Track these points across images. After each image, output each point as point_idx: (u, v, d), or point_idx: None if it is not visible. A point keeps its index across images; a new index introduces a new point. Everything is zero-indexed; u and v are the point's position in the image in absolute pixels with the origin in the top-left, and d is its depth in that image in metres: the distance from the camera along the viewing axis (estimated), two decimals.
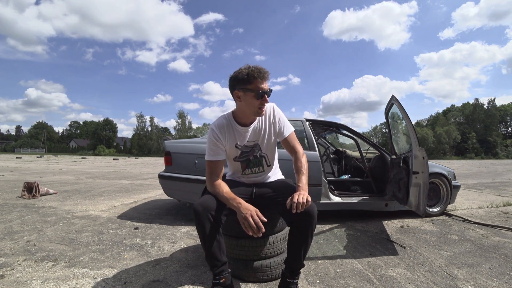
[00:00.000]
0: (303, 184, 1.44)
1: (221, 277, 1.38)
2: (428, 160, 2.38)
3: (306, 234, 1.40)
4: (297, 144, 1.62)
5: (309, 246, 1.44)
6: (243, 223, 1.33)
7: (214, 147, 1.54)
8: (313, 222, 1.39)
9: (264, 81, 1.44)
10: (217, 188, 1.46)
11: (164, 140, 4.02)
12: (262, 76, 1.42)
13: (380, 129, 59.49)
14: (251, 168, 1.66)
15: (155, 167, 14.21)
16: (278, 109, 1.64)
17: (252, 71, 1.42)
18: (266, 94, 1.46)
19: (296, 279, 1.47)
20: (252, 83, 1.43)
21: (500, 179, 8.36)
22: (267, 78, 1.44)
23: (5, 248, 2.11)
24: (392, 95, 2.81)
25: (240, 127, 1.56)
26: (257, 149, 1.63)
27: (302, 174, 1.49)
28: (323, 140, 4.94)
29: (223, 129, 1.55)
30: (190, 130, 55.41)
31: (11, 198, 4.26)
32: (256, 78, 1.42)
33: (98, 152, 50.88)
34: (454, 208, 3.80)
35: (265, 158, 1.66)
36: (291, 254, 1.46)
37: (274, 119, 1.60)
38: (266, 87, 1.45)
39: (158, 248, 2.21)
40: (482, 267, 1.89)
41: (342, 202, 3.00)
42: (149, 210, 3.58)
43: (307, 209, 1.38)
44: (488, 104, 53.52)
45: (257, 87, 1.43)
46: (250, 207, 1.35)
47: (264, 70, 1.44)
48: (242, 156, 1.63)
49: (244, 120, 1.57)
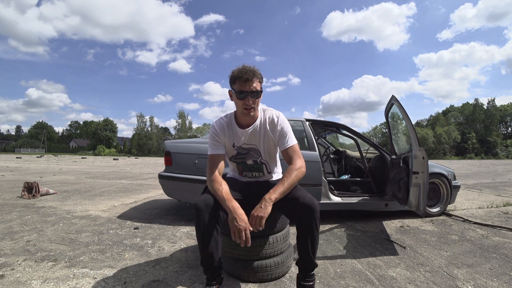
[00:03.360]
0: (273, 193, 1.37)
1: (215, 281, 1.37)
2: (428, 160, 2.38)
3: (310, 227, 1.38)
4: (297, 157, 1.52)
5: (316, 242, 1.42)
6: (233, 232, 1.32)
7: (214, 141, 1.57)
8: (315, 215, 1.38)
9: (247, 82, 1.41)
10: (216, 184, 1.44)
11: (164, 140, 4.02)
12: (241, 76, 1.41)
13: (380, 129, 59.41)
14: (251, 172, 1.67)
15: (155, 167, 14.20)
16: (283, 119, 1.59)
17: (235, 72, 1.43)
18: (249, 95, 1.43)
19: (311, 281, 1.43)
20: (235, 83, 1.44)
21: (500, 179, 8.36)
22: (249, 78, 1.40)
23: (5, 248, 2.11)
24: (392, 95, 2.81)
25: (238, 128, 1.56)
26: (257, 155, 1.61)
27: (280, 184, 1.41)
28: (323, 140, 4.94)
29: (222, 127, 1.58)
30: (190, 130, 55.35)
31: (11, 198, 4.26)
32: (237, 78, 1.42)
33: (98, 152, 50.84)
34: (454, 208, 3.80)
35: (265, 165, 1.65)
36: (301, 253, 1.45)
37: (274, 127, 1.56)
38: (249, 88, 1.42)
39: (158, 248, 2.20)
40: (482, 267, 1.89)
41: (342, 202, 3.00)
42: (149, 210, 3.58)
43: (307, 202, 1.38)
44: (488, 104, 53.50)
45: (238, 87, 1.43)
46: (245, 219, 1.33)
47: (246, 70, 1.41)
48: (238, 157, 1.63)
49: (241, 121, 1.57)
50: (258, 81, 1.45)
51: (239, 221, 1.31)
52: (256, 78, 1.44)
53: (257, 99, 1.47)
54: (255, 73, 1.43)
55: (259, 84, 1.47)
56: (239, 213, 1.34)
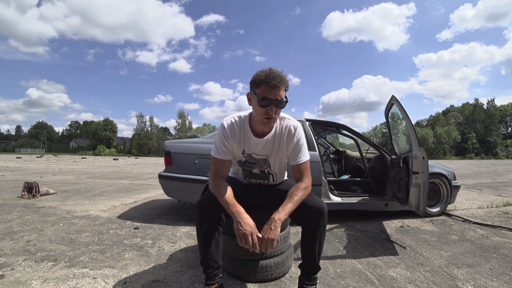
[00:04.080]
0: (282, 213, 1.32)
1: (214, 282, 1.35)
2: (428, 160, 2.38)
3: (318, 230, 1.35)
4: (307, 175, 1.47)
5: (322, 246, 1.40)
6: (239, 237, 1.28)
7: (222, 145, 1.45)
8: (323, 218, 1.36)
9: (273, 89, 1.27)
10: (219, 189, 1.38)
11: (164, 140, 4.05)
12: (269, 82, 1.26)
13: (380, 129, 59.42)
14: (256, 179, 1.62)
15: (155, 167, 14.20)
16: (301, 131, 1.49)
17: (261, 74, 1.29)
18: (273, 104, 1.29)
19: (313, 284, 1.41)
20: (259, 87, 1.29)
21: (500, 179, 8.36)
22: (276, 85, 1.26)
23: (5, 248, 2.11)
24: (392, 95, 2.81)
25: (252, 136, 1.44)
26: (266, 166, 1.54)
27: (289, 200, 1.36)
28: (323, 140, 4.94)
29: (233, 130, 1.45)
30: (190, 130, 55.39)
31: (11, 198, 4.26)
32: (263, 82, 1.27)
33: (98, 152, 50.84)
34: (454, 208, 3.80)
35: (273, 176, 1.59)
36: (305, 256, 1.41)
37: (291, 139, 1.46)
38: (274, 95, 1.28)
39: (158, 248, 2.20)
40: (482, 267, 1.89)
41: (342, 202, 3.00)
42: (149, 210, 3.58)
43: (316, 204, 1.35)
44: (488, 104, 53.51)
45: (262, 93, 1.28)
46: (251, 223, 1.30)
47: (275, 75, 1.27)
48: (246, 164, 1.55)
49: (256, 128, 1.44)
50: (284, 90, 1.32)
51: (244, 225, 1.27)
52: (283, 86, 1.30)
53: (280, 109, 1.35)
54: (283, 79, 1.29)
55: (285, 92, 1.33)
56: (243, 217, 1.29)
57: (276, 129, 1.46)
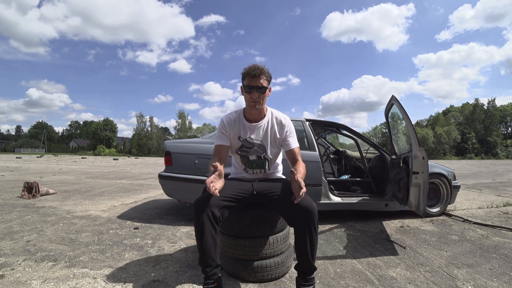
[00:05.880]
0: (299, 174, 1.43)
1: (212, 281, 1.37)
2: (428, 160, 2.38)
3: (309, 230, 1.39)
4: (300, 158, 1.66)
5: (315, 245, 1.42)
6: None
7: (221, 133, 1.70)
8: (313, 218, 1.39)
9: (254, 78, 1.53)
10: (211, 162, 1.50)
11: (164, 140, 4.03)
12: (250, 73, 1.54)
13: (380, 129, 59.40)
14: (253, 168, 1.72)
15: (155, 167, 14.20)
16: (290, 123, 1.73)
17: (245, 69, 1.57)
18: (256, 90, 1.55)
19: (310, 284, 1.43)
20: (245, 79, 1.57)
21: (500, 179, 8.36)
22: (256, 75, 1.53)
23: (5, 248, 2.11)
24: (392, 95, 2.81)
25: (246, 122, 1.68)
26: (262, 150, 1.69)
27: (299, 171, 1.49)
28: (323, 140, 4.94)
29: (230, 120, 1.70)
30: (190, 130, 55.37)
31: (11, 198, 4.26)
32: (246, 74, 1.56)
33: (98, 152, 50.82)
34: (454, 208, 3.80)
35: (268, 162, 1.71)
36: (299, 257, 1.44)
37: (282, 128, 1.69)
38: (255, 83, 1.54)
39: (158, 248, 2.20)
40: (482, 267, 1.89)
41: (342, 202, 3.00)
42: (149, 210, 3.58)
43: (305, 205, 1.38)
44: (488, 104, 53.50)
45: (247, 82, 1.56)
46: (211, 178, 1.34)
47: (255, 68, 1.54)
48: (242, 150, 1.68)
49: (249, 115, 1.68)
50: (265, 79, 1.57)
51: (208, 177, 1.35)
52: (264, 75, 1.55)
53: (262, 94, 1.58)
54: (262, 70, 1.55)
55: (266, 81, 1.58)
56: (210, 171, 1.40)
57: (269, 119, 1.71)
